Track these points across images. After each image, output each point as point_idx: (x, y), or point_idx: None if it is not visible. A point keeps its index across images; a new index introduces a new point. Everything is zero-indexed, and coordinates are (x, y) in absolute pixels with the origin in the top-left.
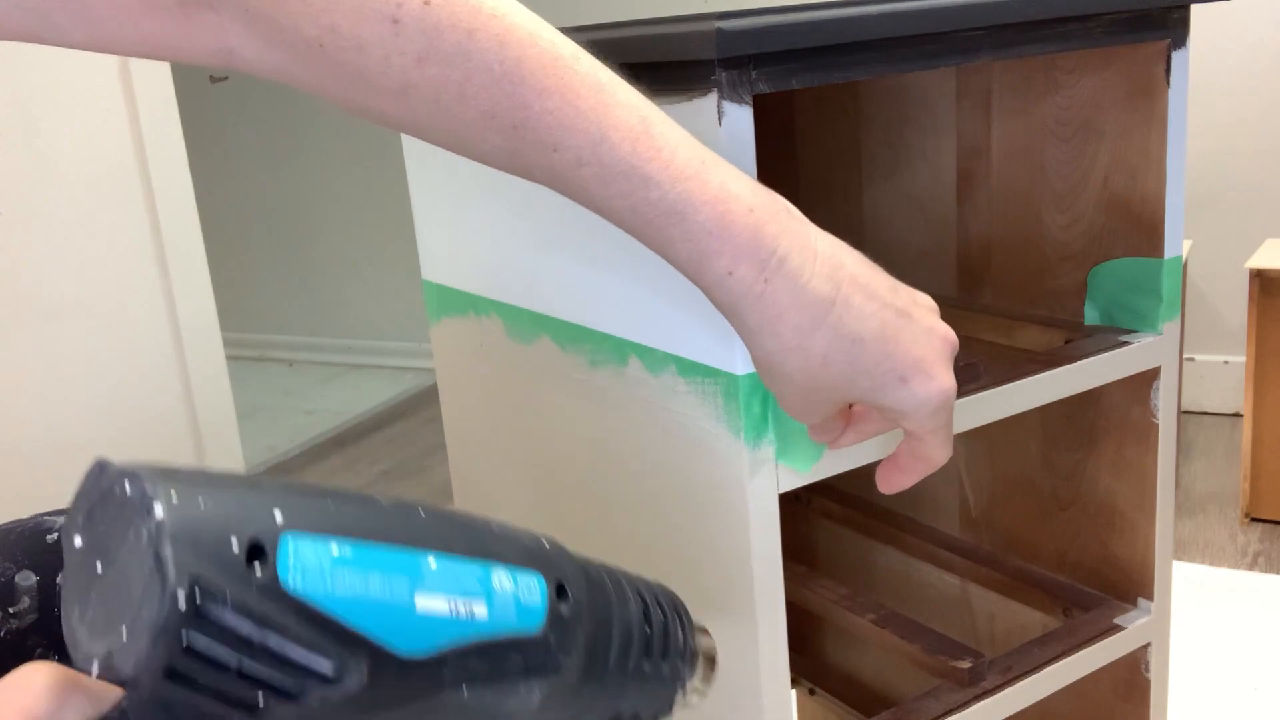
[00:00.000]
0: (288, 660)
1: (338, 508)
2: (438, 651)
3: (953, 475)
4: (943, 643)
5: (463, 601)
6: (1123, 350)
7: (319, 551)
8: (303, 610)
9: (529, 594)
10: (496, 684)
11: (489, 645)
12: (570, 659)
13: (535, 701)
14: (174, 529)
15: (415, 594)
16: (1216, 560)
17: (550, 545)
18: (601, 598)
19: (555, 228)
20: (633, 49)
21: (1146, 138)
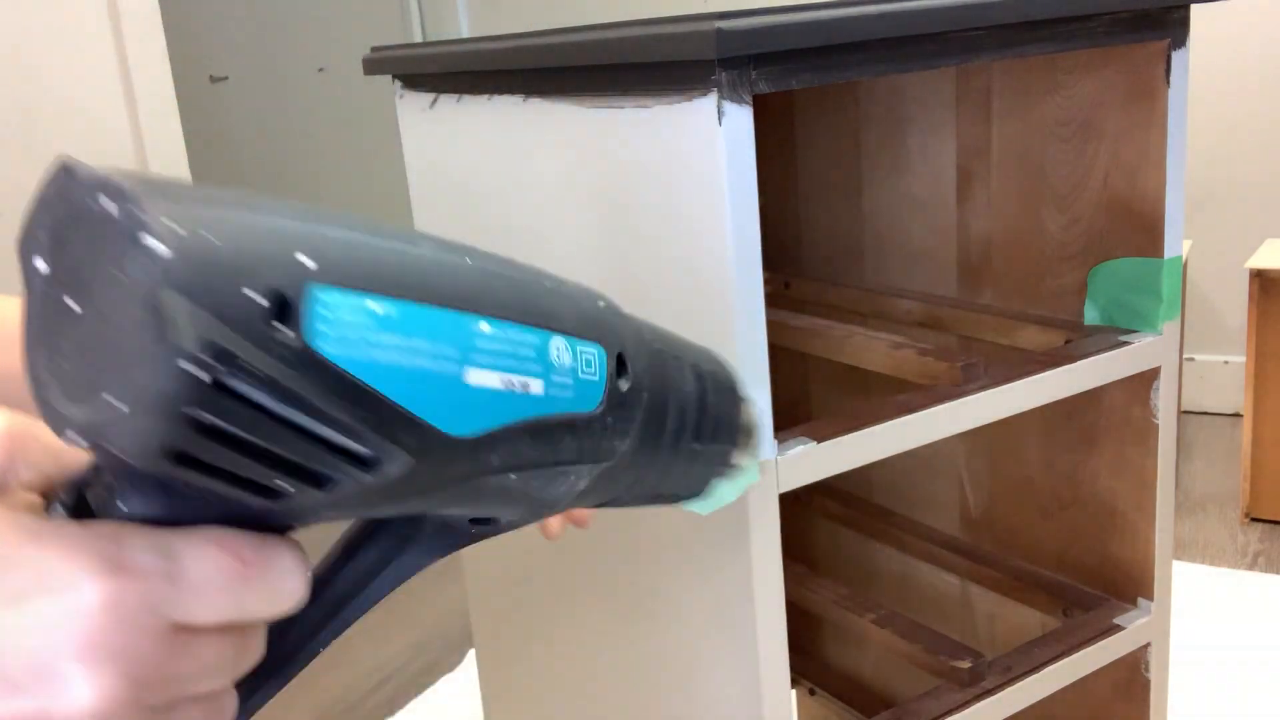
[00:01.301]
0: (320, 440)
1: (377, 254)
2: (487, 431)
3: (953, 475)
4: (943, 643)
5: (518, 376)
6: (1123, 350)
7: (356, 309)
8: (340, 381)
9: (588, 368)
10: (546, 469)
11: (542, 425)
12: (625, 443)
13: (582, 486)
14: (179, 275)
15: (466, 365)
16: (1216, 560)
17: (607, 306)
18: (660, 375)
19: (555, 228)
20: (633, 49)
21: (1146, 138)
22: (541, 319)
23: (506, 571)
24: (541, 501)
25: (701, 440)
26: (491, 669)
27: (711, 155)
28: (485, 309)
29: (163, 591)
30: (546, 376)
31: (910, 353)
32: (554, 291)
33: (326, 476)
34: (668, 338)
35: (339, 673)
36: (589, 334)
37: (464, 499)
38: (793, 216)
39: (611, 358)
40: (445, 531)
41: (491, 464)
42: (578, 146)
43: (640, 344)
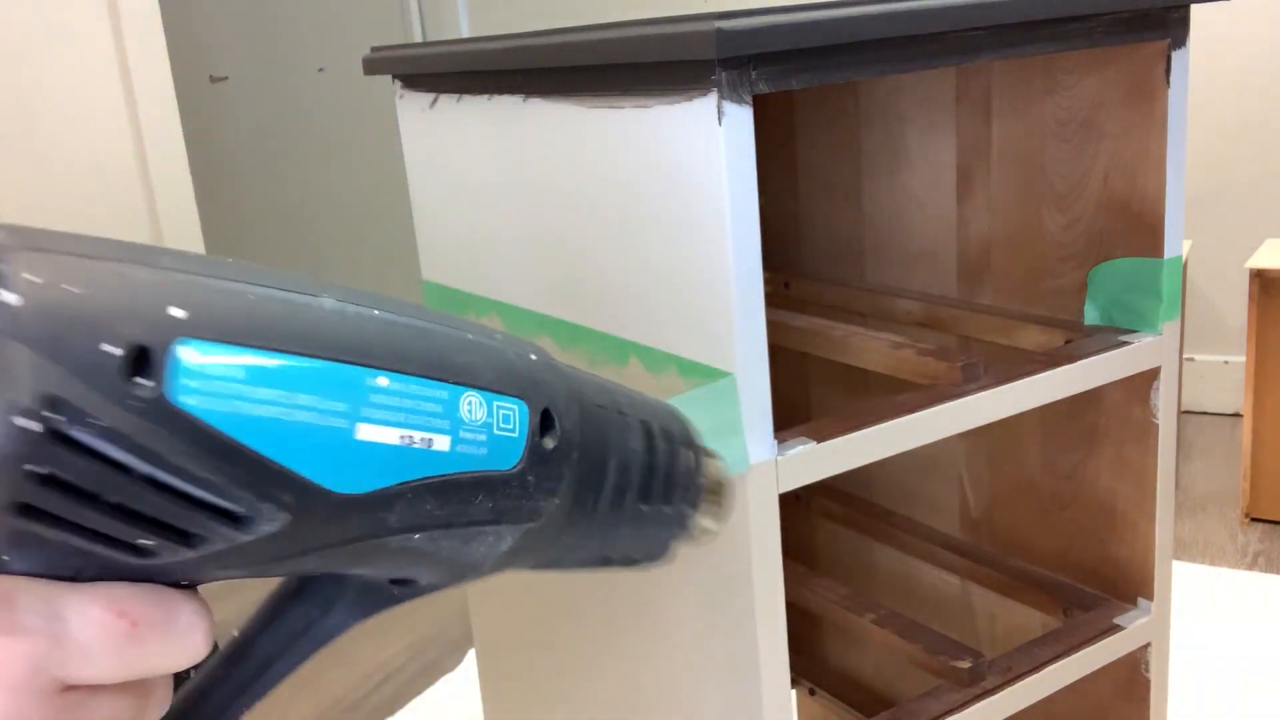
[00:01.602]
0: (182, 494)
1: (262, 306)
2: (381, 489)
3: (953, 475)
4: (943, 643)
5: (418, 432)
6: (1123, 350)
7: (227, 364)
8: (203, 436)
9: (505, 423)
10: (458, 529)
11: (449, 484)
12: (552, 503)
13: (505, 548)
14: (26, 322)
15: (357, 421)
16: (1216, 560)
17: (539, 358)
18: (597, 432)
19: (555, 228)
20: (633, 49)
21: (1146, 138)
22: (452, 373)
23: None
24: (460, 563)
25: (651, 501)
26: (491, 669)
27: (711, 155)
28: (385, 363)
29: (49, 653)
30: (454, 433)
31: (910, 353)
32: (476, 345)
33: (194, 534)
34: (614, 392)
35: (339, 673)
36: (509, 389)
37: (367, 560)
38: (793, 216)
39: (535, 413)
40: (369, 593)
41: (389, 524)
42: (578, 146)
43: (573, 399)
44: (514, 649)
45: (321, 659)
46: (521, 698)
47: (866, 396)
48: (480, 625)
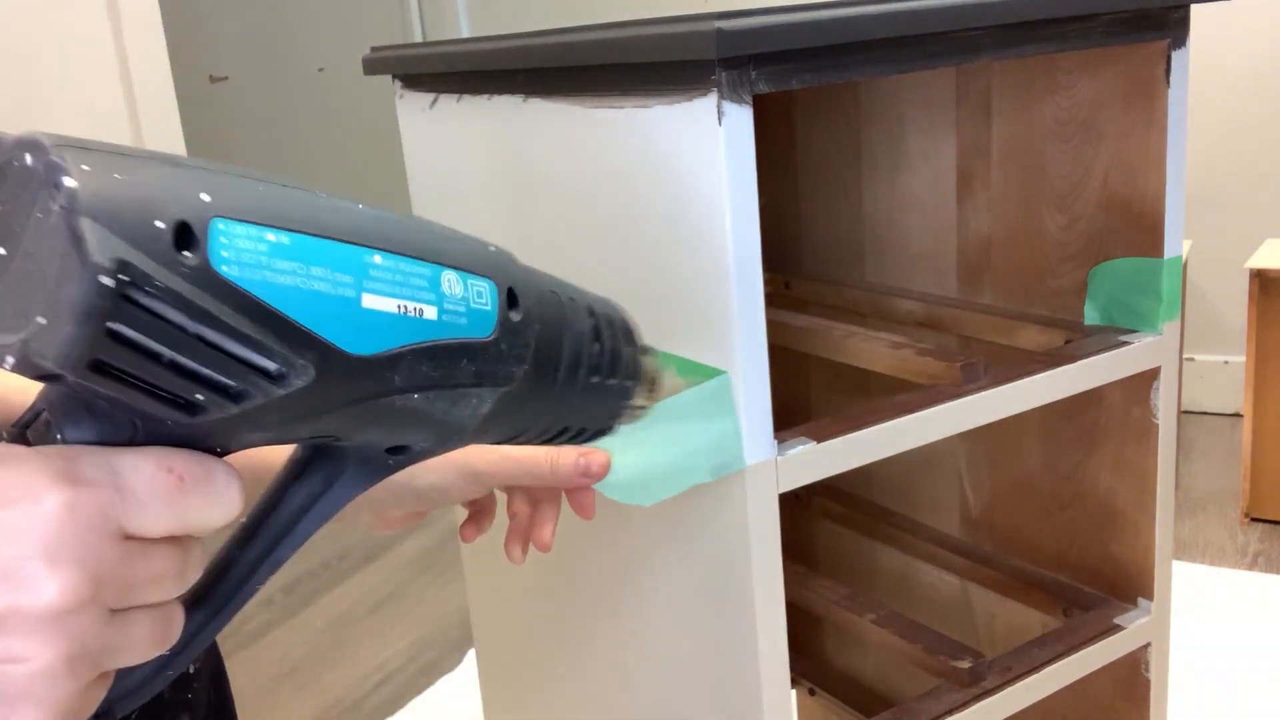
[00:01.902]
0: (228, 354)
1: (273, 195)
2: (387, 351)
3: (953, 475)
4: (943, 643)
5: (411, 302)
6: (1123, 350)
7: (255, 238)
8: (242, 300)
9: (479, 298)
10: (448, 389)
11: (440, 348)
12: (520, 368)
13: (485, 410)
14: (90, 203)
15: (362, 290)
16: (1216, 560)
17: (498, 251)
18: (553, 309)
19: (555, 228)
20: (633, 49)
21: (1146, 138)
22: (432, 254)
23: (506, 572)
24: (448, 424)
25: (600, 374)
26: (491, 669)
27: (711, 155)
28: (378, 243)
29: (113, 500)
30: (440, 304)
31: (910, 353)
32: (445, 236)
33: (238, 389)
34: (562, 283)
35: (339, 673)
36: (480, 269)
37: (375, 421)
38: (793, 216)
39: (502, 291)
40: (365, 465)
41: (394, 383)
42: (578, 146)
43: (530, 283)
44: (514, 649)
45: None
46: (521, 698)
47: (866, 396)
48: (480, 625)
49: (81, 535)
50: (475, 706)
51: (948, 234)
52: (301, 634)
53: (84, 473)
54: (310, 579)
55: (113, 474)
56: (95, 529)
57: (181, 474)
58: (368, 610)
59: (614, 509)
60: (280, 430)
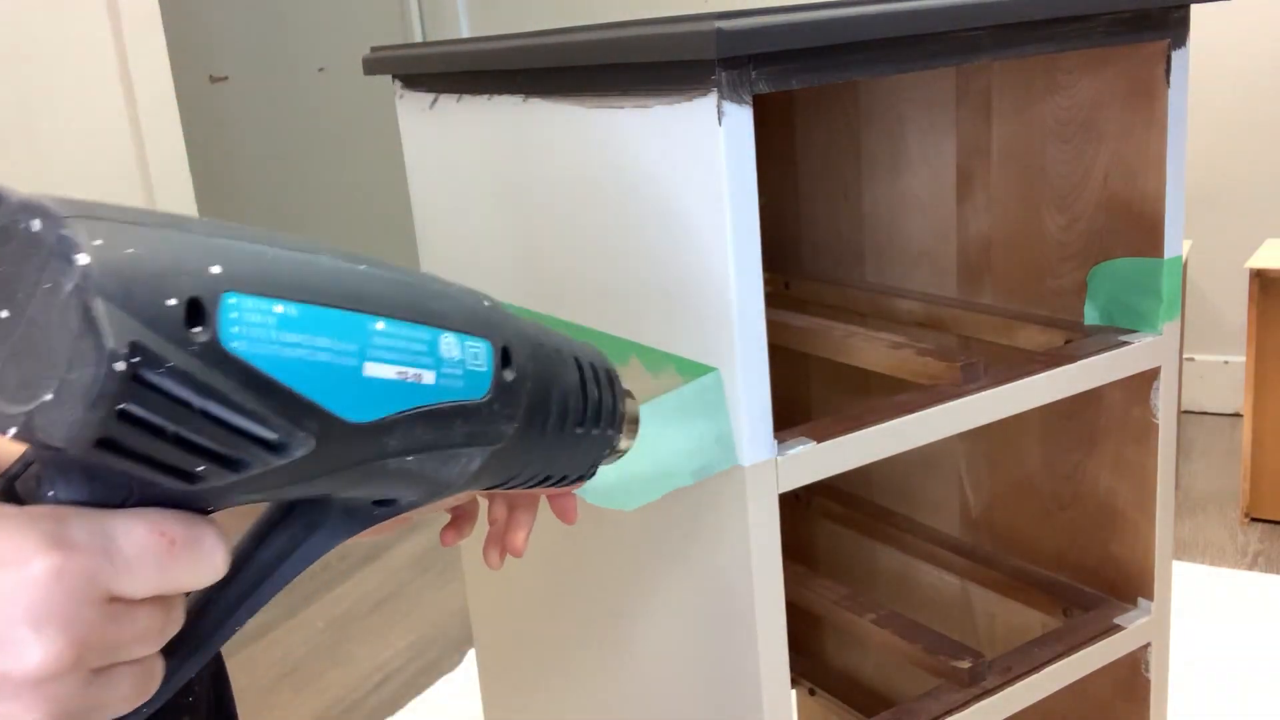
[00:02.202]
0: (232, 427)
1: (281, 263)
2: (385, 418)
3: (953, 475)
4: (943, 643)
5: (411, 368)
6: (1123, 350)
7: (263, 311)
8: (249, 375)
9: (475, 360)
10: (440, 450)
11: (435, 412)
12: (511, 426)
13: (475, 467)
14: (103, 283)
15: (364, 359)
16: (1216, 560)
17: (492, 305)
18: (543, 365)
19: (555, 228)
20: (633, 49)
21: (1146, 138)
22: (432, 318)
23: (506, 572)
24: (437, 482)
25: (584, 425)
26: (491, 669)
27: (711, 155)
28: (381, 309)
29: (101, 565)
30: (438, 368)
31: (910, 353)
32: (442, 294)
33: (239, 460)
34: (550, 333)
35: (339, 673)
36: (476, 330)
37: (367, 481)
38: (793, 216)
39: (497, 351)
40: (351, 515)
41: (389, 447)
42: (578, 146)
43: (523, 338)
44: (514, 649)
45: (321, 659)
46: (521, 698)
47: (866, 396)
48: (480, 625)
49: (67, 601)
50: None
51: (948, 234)
52: (301, 634)
53: (73, 537)
54: (310, 579)
55: (103, 538)
56: (81, 594)
57: (173, 538)
58: (368, 610)
59: (614, 509)
60: (273, 493)
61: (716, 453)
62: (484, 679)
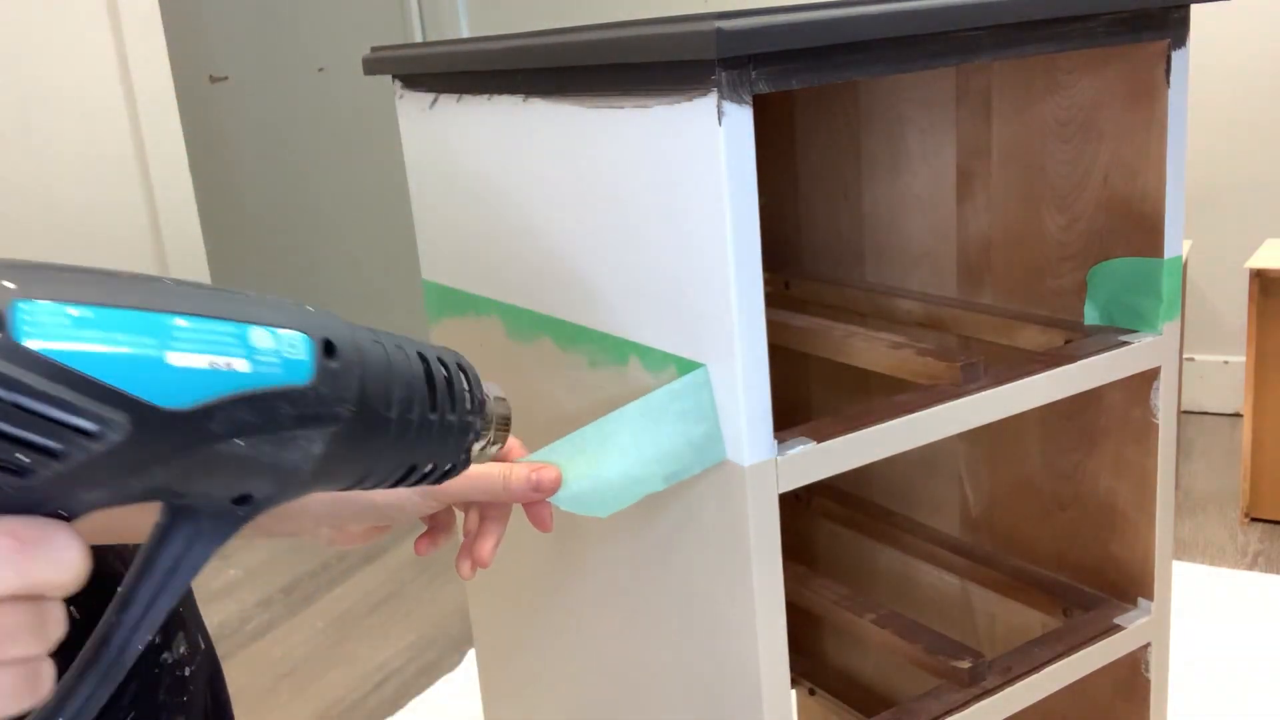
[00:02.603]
0: (44, 417)
1: (76, 278)
2: (202, 403)
3: (953, 475)
4: (943, 643)
5: (222, 357)
6: (1123, 350)
7: (56, 313)
8: (50, 368)
9: (292, 349)
10: (271, 433)
11: (255, 396)
12: (345, 408)
13: (317, 451)
14: None
15: (166, 350)
16: (1216, 560)
17: (316, 310)
18: (376, 354)
19: (555, 228)
20: (633, 49)
21: (1146, 138)
22: (239, 315)
23: (506, 571)
24: (281, 468)
25: (437, 411)
26: (491, 669)
27: (711, 155)
28: (181, 309)
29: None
30: (251, 357)
31: (910, 353)
32: (261, 299)
33: (58, 449)
34: (389, 334)
35: (339, 673)
36: (292, 325)
37: (206, 470)
38: (793, 216)
39: (318, 341)
40: (219, 520)
41: (214, 431)
42: (578, 146)
43: (348, 333)
44: (514, 649)
45: (322, 659)
46: (521, 698)
47: (866, 396)
48: (480, 625)
49: None
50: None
51: (948, 234)
52: (301, 634)
53: None
54: (310, 579)
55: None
56: None
57: (22, 538)
58: (368, 610)
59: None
60: (115, 487)
61: (689, 457)
62: (484, 679)
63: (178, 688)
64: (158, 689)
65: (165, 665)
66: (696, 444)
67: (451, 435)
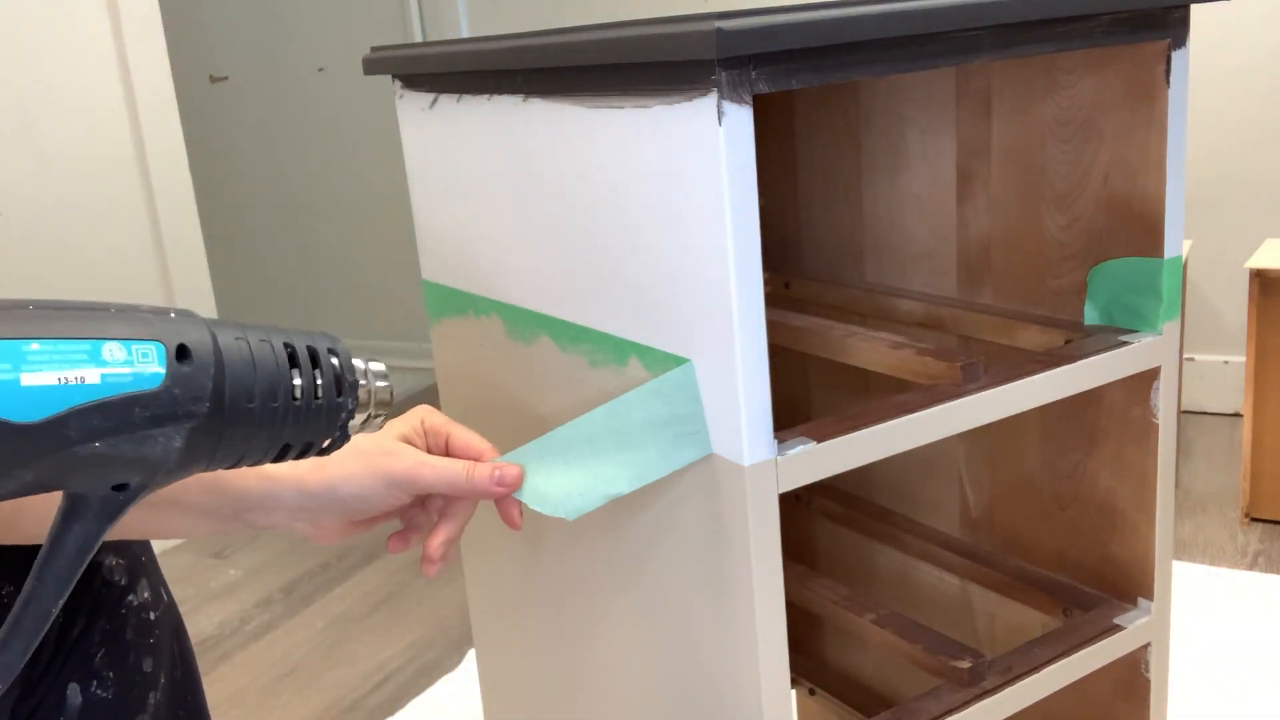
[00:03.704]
0: None
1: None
2: (54, 414)
3: (953, 475)
4: (943, 643)
5: (71, 372)
6: (1123, 350)
7: None
8: None
9: (144, 358)
10: (128, 433)
11: (106, 404)
12: (202, 405)
13: (178, 444)
14: None
15: (20, 372)
16: (1216, 560)
17: (177, 315)
18: (236, 354)
19: (555, 228)
20: (633, 49)
21: (1146, 138)
22: (96, 333)
23: (506, 571)
24: (146, 460)
25: (303, 398)
26: (491, 669)
27: (711, 155)
28: (36, 334)
29: None
30: (101, 369)
31: (910, 353)
32: (117, 315)
33: None
34: (257, 327)
35: (339, 673)
36: (145, 335)
37: (74, 467)
38: (793, 216)
39: (171, 347)
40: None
41: (70, 437)
42: (578, 146)
43: (206, 335)
44: (514, 649)
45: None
46: (521, 697)
47: (866, 396)
48: (480, 625)
49: None
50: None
51: (948, 234)
52: (301, 634)
53: None
54: (310, 579)
55: None
56: None
57: None
58: (368, 610)
59: (613, 509)
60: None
61: (657, 460)
62: (484, 679)
63: (144, 630)
64: (125, 628)
65: (131, 606)
66: (667, 445)
67: (321, 416)
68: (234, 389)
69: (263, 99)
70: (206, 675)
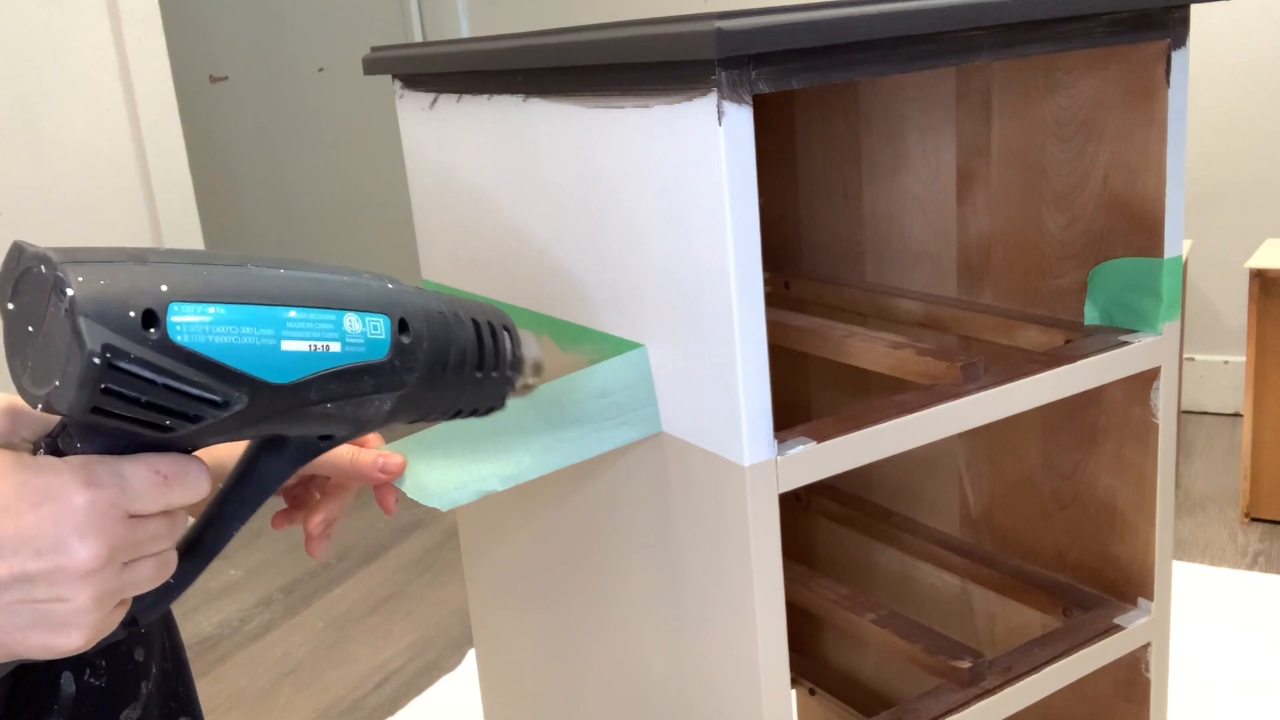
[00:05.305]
0: (184, 394)
1: (214, 277)
2: (302, 378)
3: (953, 475)
4: (943, 643)
5: (320, 341)
6: (1123, 350)
7: (199, 312)
8: (192, 357)
9: (375, 330)
10: (354, 398)
11: (344, 371)
12: (413, 376)
13: (387, 408)
14: (84, 305)
15: (281, 338)
16: (1216, 560)
17: (395, 286)
18: (440, 327)
19: (555, 227)
20: (633, 49)
21: (1146, 138)
22: (337, 302)
23: (506, 571)
24: (359, 420)
25: (484, 369)
26: (491, 669)
27: (711, 155)
28: (292, 301)
29: (119, 495)
30: (342, 340)
31: (910, 353)
32: (349, 282)
33: (194, 415)
34: (452, 300)
35: (339, 673)
36: (376, 308)
37: (302, 423)
38: (793, 216)
39: (394, 322)
40: (303, 448)
41: (310, 399)
42: (578, 146)
43: (420, 309)
44: (514, 649)
45: (322, 659)
46: (521, 697)
47: (866, 396)
48: (480, 625)
49: (100, 520)
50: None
51: (948, 234)
52: (301, 634)
53: (98, 477)
54: (310, 579)
55: (118, 476)
56: (108, 515)
57: (166, 473)
58: (368, 610)
59: (612, 509)
60: (233, 435)
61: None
62: (484, 679)
63: (131, 621)
64: None
65: None
66: (537, 449)
67: (493, 385)
68: (437, 359)
69: (263, 99)
70: (206, 675)
